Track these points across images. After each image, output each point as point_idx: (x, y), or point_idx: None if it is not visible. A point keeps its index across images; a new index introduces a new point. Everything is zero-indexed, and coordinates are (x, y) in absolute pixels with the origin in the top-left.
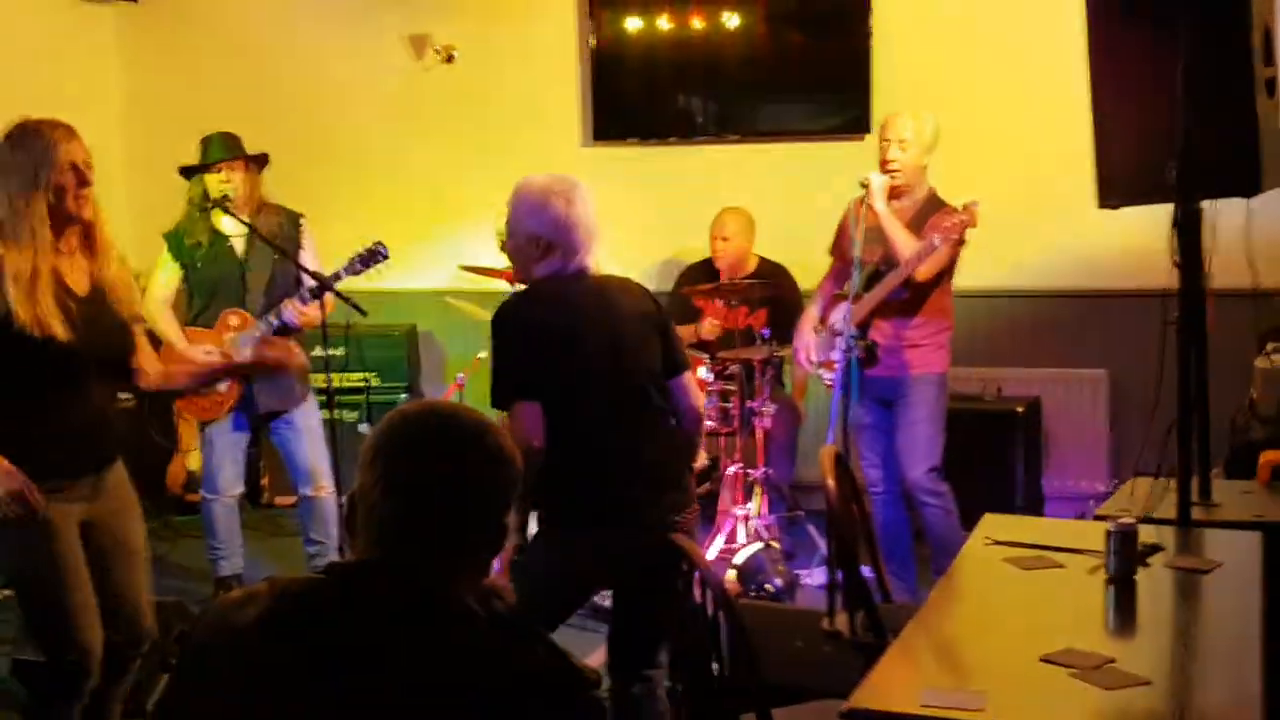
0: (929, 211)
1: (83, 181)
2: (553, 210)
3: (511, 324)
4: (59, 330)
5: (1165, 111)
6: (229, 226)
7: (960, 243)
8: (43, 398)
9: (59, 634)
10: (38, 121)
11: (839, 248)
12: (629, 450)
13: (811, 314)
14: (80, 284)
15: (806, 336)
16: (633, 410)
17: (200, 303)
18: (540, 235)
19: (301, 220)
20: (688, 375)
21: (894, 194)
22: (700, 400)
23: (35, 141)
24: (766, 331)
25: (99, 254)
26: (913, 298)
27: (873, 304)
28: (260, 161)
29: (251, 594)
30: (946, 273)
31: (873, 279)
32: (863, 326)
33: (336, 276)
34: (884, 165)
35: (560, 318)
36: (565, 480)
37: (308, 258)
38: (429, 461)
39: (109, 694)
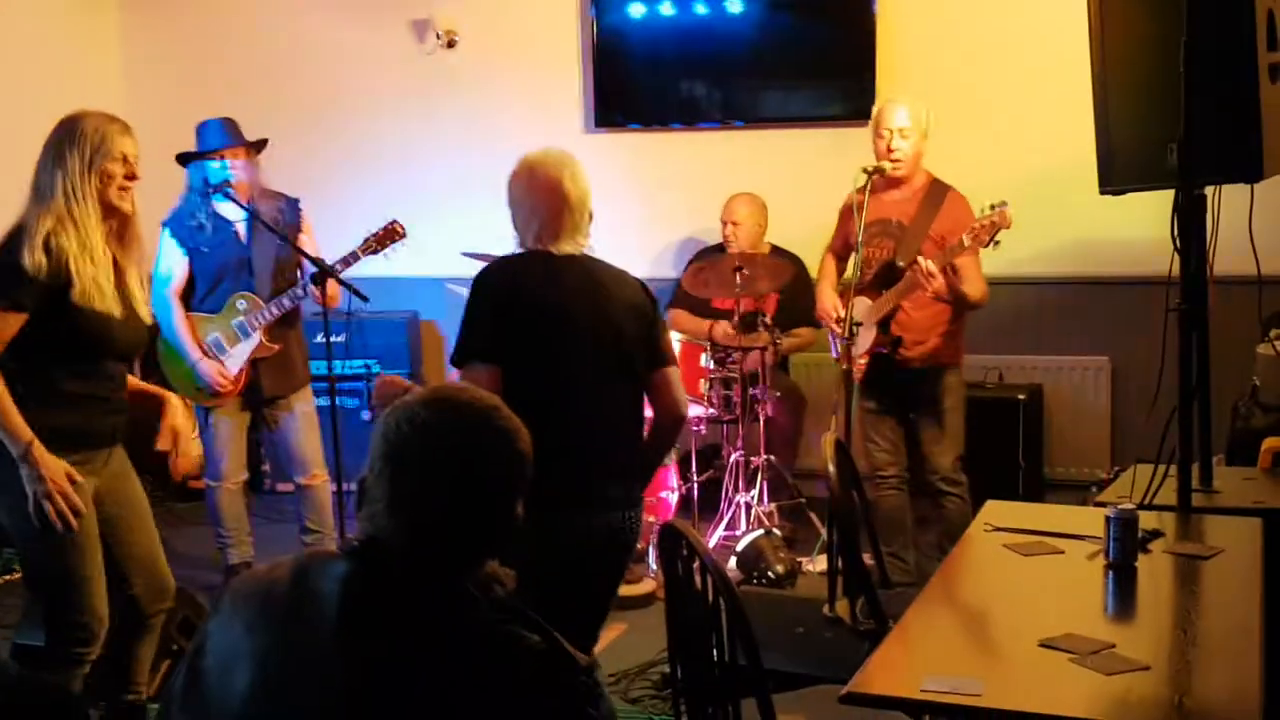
0: (936, 197)
1: (130, 175)
2: (548, 189)
3: (492, 287)
4: (115, 308)
5: (1168, 96)
6: (230, 211)
7: (993, 243)
8: (85, 368)
9: (72, 601)
10: (93, 112)
11: (841, 234)
12: (585, 435)
13: (829, 276)
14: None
15: (831, 297)
16: (597, 396)
17: (205, 287)
18: (535, 212)
19: (300, 205)
20: (672, 371)
21: (893, 183)
22: (683, 399)
23: (91, 129)
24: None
25: (128, 248)
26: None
27: (891, 304)
28: (258, 147)
29: (283, 560)
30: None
31: (886, 275)
32: (884, 320)
33: (354, 257)
34: (888, 156)
35: (544, 291)
36: None
37: (307, 242)
38: (437, 443)
39: (136, 650)
